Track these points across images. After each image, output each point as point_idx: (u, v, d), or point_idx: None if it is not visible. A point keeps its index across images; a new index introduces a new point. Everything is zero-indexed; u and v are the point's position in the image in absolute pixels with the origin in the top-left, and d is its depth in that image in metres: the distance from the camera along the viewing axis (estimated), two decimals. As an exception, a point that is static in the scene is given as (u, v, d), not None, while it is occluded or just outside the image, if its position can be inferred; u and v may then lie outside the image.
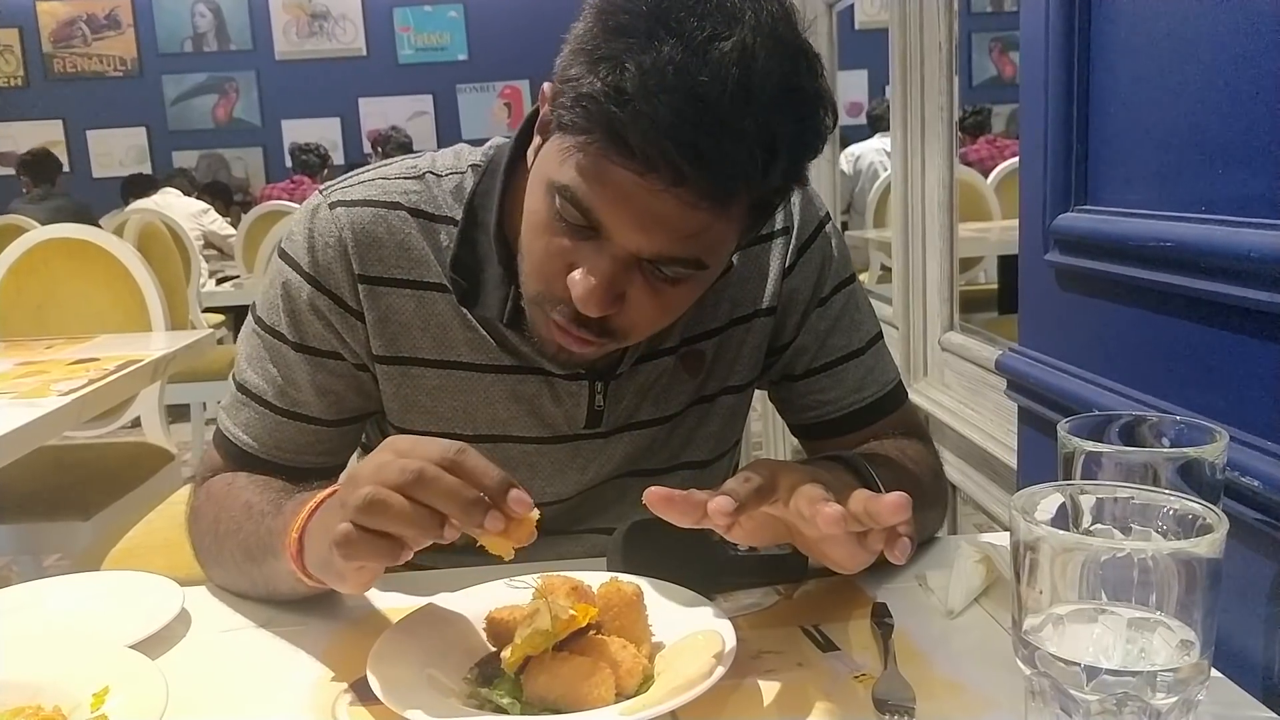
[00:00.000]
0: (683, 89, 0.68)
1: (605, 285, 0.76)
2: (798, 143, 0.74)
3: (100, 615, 0.85)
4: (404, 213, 0.90)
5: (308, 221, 0.91)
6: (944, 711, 0.68)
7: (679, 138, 0.69)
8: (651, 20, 0.70)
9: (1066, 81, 0.99)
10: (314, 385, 0.91)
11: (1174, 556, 0.53)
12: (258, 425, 0.92)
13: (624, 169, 0.72)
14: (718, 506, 0.65)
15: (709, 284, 0.84)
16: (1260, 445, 0.74)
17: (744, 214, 0.77)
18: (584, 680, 0.66)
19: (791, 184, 0.78)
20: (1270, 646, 0.74)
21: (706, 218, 0.74)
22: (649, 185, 0.71)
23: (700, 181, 0.71)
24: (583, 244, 0.77)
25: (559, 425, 0.95)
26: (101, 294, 2.71)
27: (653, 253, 0.75)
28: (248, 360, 0.93)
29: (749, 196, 0.75)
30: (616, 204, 0.74)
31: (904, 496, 0.65)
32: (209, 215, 5.95)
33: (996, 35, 7.29)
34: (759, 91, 0.70)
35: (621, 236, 0.75)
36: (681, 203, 0.72)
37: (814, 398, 1.01)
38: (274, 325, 0.91)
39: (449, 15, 8.28)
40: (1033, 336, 1.14)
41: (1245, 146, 0.77)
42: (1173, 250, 0.83)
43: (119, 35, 8.22)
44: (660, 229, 0.74)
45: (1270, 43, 0.73)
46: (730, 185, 0.72)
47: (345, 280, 0.89)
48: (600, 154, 0.72)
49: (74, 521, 2.09)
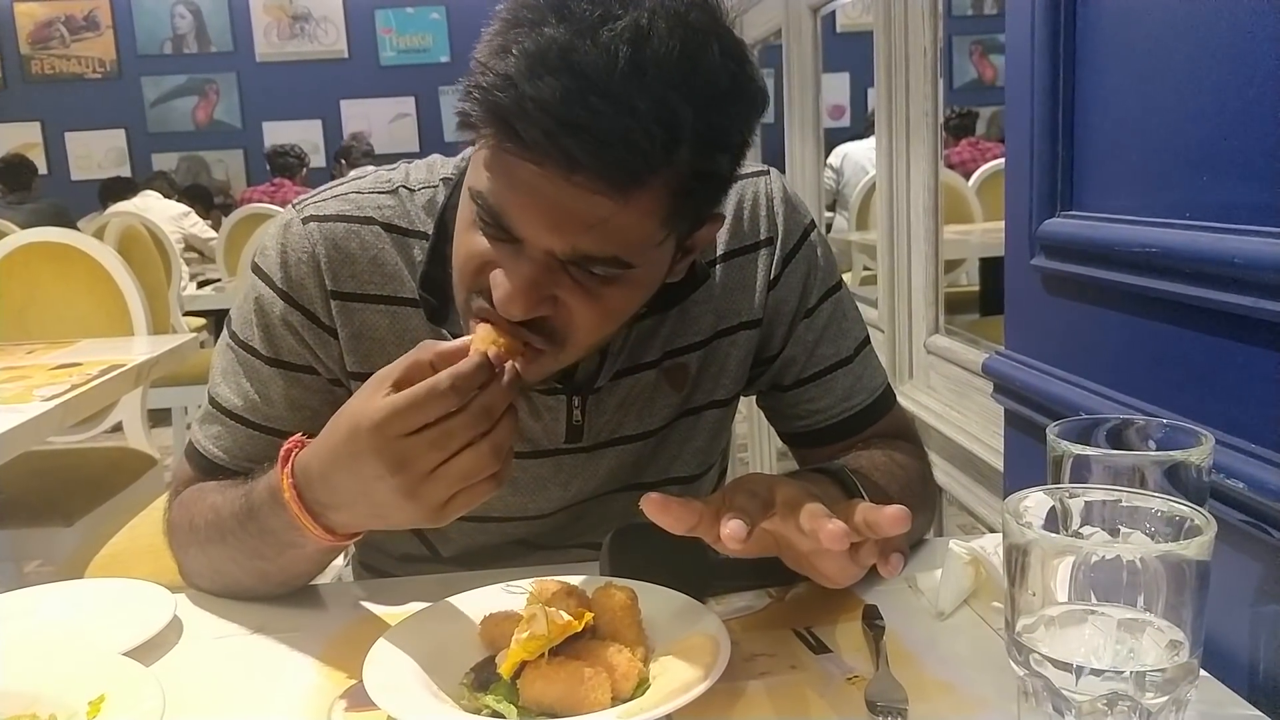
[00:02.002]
0: (567, 68, 0.65)
1: (525, 287, 0.73)
2: (706, 125, 0.69)
3: (93, 623, 0.84)
4: (378, 227, 0.90)
5: (281, 236, 0.90)
6: (935, 712, 0.68)
7: (565, 117, 0.65)
8: (546, 9, 0.68)
9: (1051, 89, 1.00)
10: (287, 400, 0.91)
11: (1163, 558, 0.53)
12: (228, 439, 0.92)
13: (520, 160, 0.69)
14: (731, 533, 0.65)
15: (651, 285, 0.81)
16: (1246, 448, 0.75)
17: (660, 204, 0.72)
18: (580, 684, 0.67)
19: (718, 172, 0.74)
20: (1257, 646, 0.75)
21: (611, 205, 0.69)
22: (547, 175, 0.68)
23: (594, 164, 0.67)
24: (503, 246, 0.75)
25: (539, 440, 0.94)
26: (83, 298, 2.69)
27: (565, 249, 0.72)
28: (222, 374, 0.93)
29: (660, 184, 0.70)
30: (521, 201, 0.71)
31: (903, 510, 0.65)
32: (190, 218, 5.90)
33: (977, 38, 7.34)
34: (653, 68, 0.66)
35: (533, 235, 0.73)
36: (582, 190, 0.68)
37: (804, 407, 1.01)
38: (247, 340, 0.91)
39: (431, 17, 8.27)
40: (1019, 340, 1.15)
41: (1229, 153, 0.78)
42: (1157, 256, 0.85)
43: (98, 37, 8.17)
44: (568, 223, 0.71)
45: (1253, 50, 0.75)
46: (629, 167, 0.68)
47: (318, 296, 0.89)
48: (497, 148, 0.71)
49: (56, 528, 2.08)
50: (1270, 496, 0.71)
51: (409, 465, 0.69)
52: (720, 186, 0.78)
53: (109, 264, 2.67)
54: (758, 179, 0.98)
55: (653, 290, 0.82)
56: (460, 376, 0.68)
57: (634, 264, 0.75)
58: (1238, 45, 0.76)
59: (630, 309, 0.82)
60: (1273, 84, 0.72)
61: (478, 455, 0.69)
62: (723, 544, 0.67)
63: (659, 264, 0.80)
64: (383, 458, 0.69)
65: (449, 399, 0.68)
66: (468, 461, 0.69)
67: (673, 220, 0.74)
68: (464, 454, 0.69)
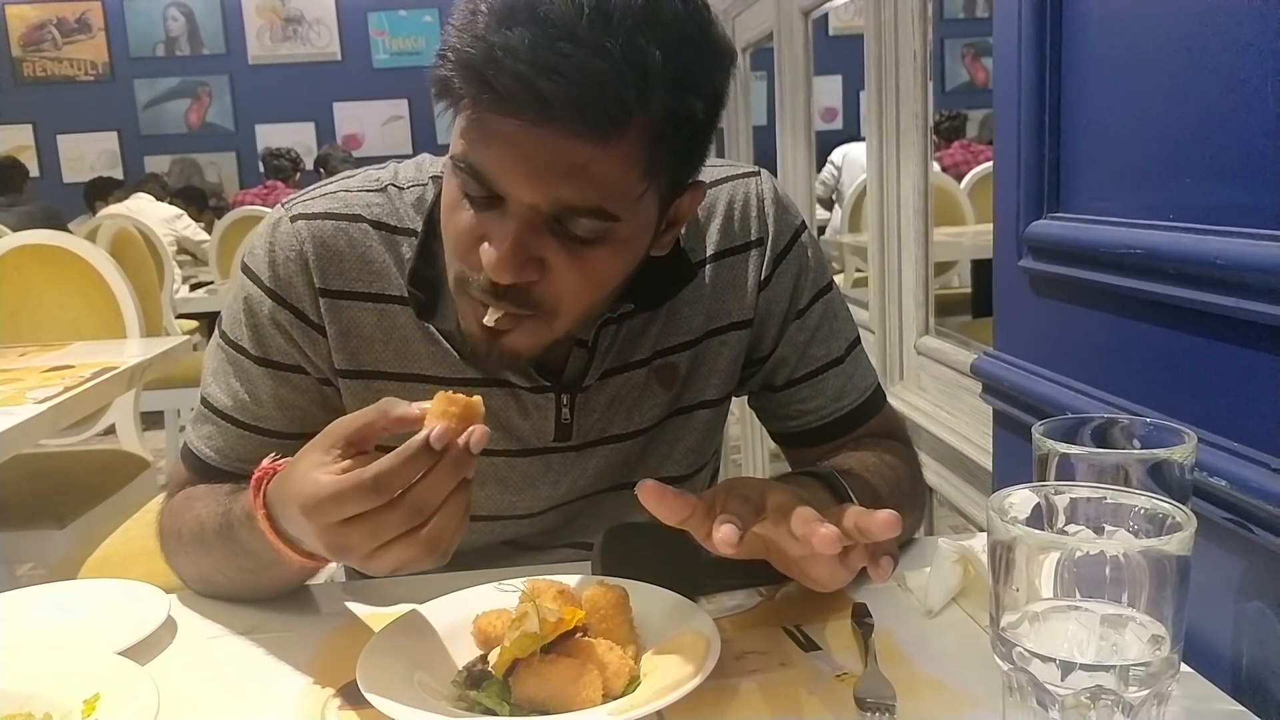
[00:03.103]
0: (534, 19, 0.68)
1: (513, 249, 0.74)
2: (675, 67, 0.71)
3: (87, 623, 0.85)
4: (366, 225, 0.90)
5: (269, 235, 0.91)
6: (925, 709, 0.69)
7: (537, 62, 0.68)
8: None
9: (1039, 92, 1.01)
10: (276, 399, 0.91)
11: (1145, 555, 0.54)
12: (219, 439, 0.92)
13: (497, 115, 0.71)
14: (724, 538, 0.65)
15: (636, 249, 0.82)
16: (1228, 446, 0.76)
17: (638, 152, 0.73)
18: (572, 682, 0.67)
19: (693, 116, 0.75)
20: (1238, 641, 0.76)
21: (589, 150, 0.71)
22: (524, 126, 0.70)
23: (568, 106, 0.69)
24: (487, 215, 0.76)
25: (528, 438, 0.95)
26: (75, 300, 2.69)
27: (548, 201, 0.74)
28: (212, 375, 0.93)
29: (636, 130, 0.72)
30: (500, 156, 0.73)
31: (894, 515, 0.66)
32: (182, 220, 5.90)
33: (969, 41, 7.36)
34: (618, 14, 0.69)
35: (515, 190, 0.74)
36: (560, 135, 0.70)
37: (795, 407, 1.02)
38: (237, 340, 0.91)
39: (424, 19, 8.26)
40: (1007, 341, 1.16)
41: (1212, 156, 0.79)
42: (1142, 257, 0.85)
43: (90, 39, 8.15)
44: (548, 173, 0.72)
45: (1235, 55, 0.76)
46: (603, 107, 0.69)
47: (306, 294, 0.89)
48: (474, 107, 0.72)
49: (49, 530, 2.08)
50: (1252, 494, 0.72)
51: (344, 549, 0.69)
52: (697, 139, 0.78)
53: (101, 266, 2.68)
54: (748, 180, 0.98)
55: (638, 258, 0.83)
56: (387, 473, 0.66)
57: (617, 216, 0.76)
58: (1220, 51, 0.77)
59: (616, 275, 0.82)
60: (1254, 89, 0.73)
61: (411, 546, 0.68)
62: (713, 545, 0.67)
63: (643, 224, 0.80)
64: (321, 539, 0.69)
65: (373, 496, 0.66)
66: (400, 553, 0.68)
67: (652, 170, 0.75)
68: (395, 545, 0.68)
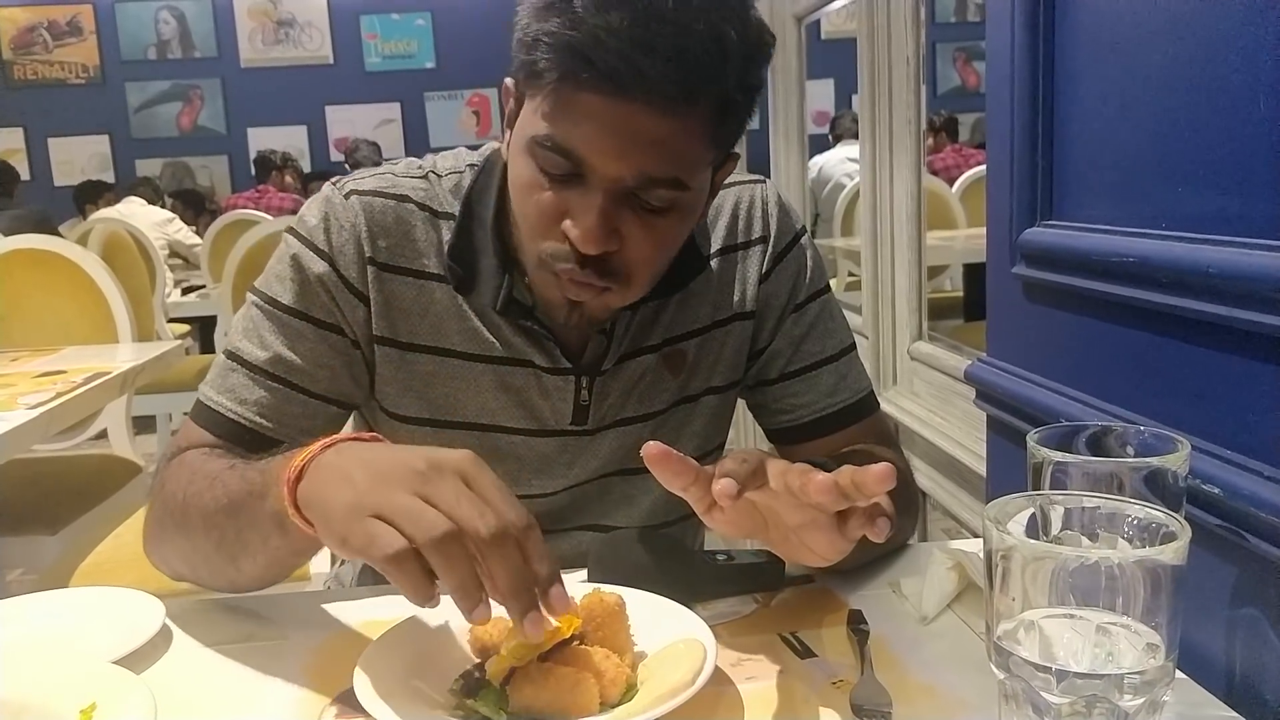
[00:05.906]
0: (627, 2, 0.75)
1: (600, 220, 0.81)
2: (744, 43, 0.80)
3: (82, 631, 0.84)
4: (412, 205, 0.96)
5: (323, 206, 0.95)
6: (920, 715, 0.69)
7: (636, 38, 0.75)
8: None
9: (1031, 100, 1.02)
10: (311, 355, 0.93)
11: (1140, 563, 0.55)
12: (244, 390, 0.92)
13: (592, 92, 0.77)
14: (723, 490, 0.64)
15: (693, 216, 0.89)
16: (1222, 454, 0.76)
17: (709, 121, 0.81)
18: (569, 690, 0.67)
19: (749, 87, 0.83)
20: (1234, 649, 0.77)
21: (672, 124, 0.79)
22: (617, 102, 0.77)
23: (663, 81, 0.76)
24: (569, 192, 0.82)
25: (546, 419, 0.98)
26: (67, 305, 2.68)
27: (634, 175, 0.80)
28: (243, 333, 0.95)
29: (709, 100, 0.80)
30: (591, 132, 0.79)
31: (888, 467, 0.64)
32: (174, 224, 5.88)
33: (961, 45, 7.39)
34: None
35: (602, 165, 0.80)
36: (649, 110, 0.77)
37: (788, 401, 1.04)
38: (277, 296, 0.94)
39: (416, 23, 8.26)
40: (1001, 347, 1.16)
41: (1204, 165, 0.79)
42: (1134, 265, 0.86)
43: (81, 42, 8.11)
44: (635, 148, 0.79)
45: (1227, 64, 0.76)
46: (693, 80, 0.77)
47: (355, 263, 0.94)
48: (567, 84, 0.78)
49: (40, 536, 2.06)
50: (1246, 502, 0.73)
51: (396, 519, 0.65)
52: (750, 106, 0.86)
53: (93, 270, 2.66)
54: (754, 186, 1.04)
55: (693, 223, 0.91)
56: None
57: (689, 185, 0.83)
58: (1213, 59, 0.78)
59: (678, 241, 0.90)
60: (1246, 98, 0.74)
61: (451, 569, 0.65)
62: (712, 516, 0.69)
63: (702, 191, 0.89)
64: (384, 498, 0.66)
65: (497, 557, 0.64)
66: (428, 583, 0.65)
67: (717, 140, 0.84)
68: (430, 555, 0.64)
